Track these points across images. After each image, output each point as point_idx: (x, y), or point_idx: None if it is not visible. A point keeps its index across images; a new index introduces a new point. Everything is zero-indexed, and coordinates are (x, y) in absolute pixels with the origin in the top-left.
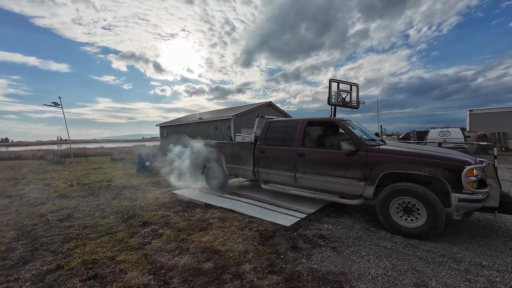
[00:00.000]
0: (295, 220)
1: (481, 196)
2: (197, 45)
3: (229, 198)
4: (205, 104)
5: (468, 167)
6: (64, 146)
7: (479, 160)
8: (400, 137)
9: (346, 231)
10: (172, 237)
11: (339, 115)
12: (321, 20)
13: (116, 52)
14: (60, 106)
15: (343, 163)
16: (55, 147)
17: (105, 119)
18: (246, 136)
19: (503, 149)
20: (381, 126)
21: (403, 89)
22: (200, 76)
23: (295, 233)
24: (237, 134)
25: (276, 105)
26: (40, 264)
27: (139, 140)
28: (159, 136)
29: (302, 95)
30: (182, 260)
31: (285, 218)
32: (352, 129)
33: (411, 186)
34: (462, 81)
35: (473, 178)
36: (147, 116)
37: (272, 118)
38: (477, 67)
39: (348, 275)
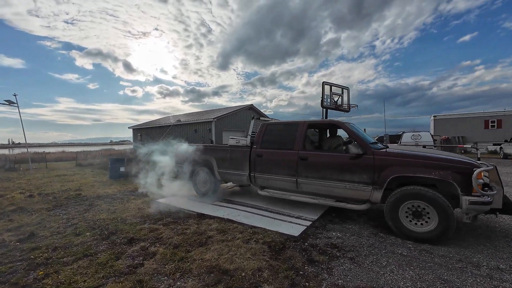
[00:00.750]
0: (302, 228)
1: (490, 198)
2: (171, 45)
3: (223, 206)
4: (180, 107)
5: (478, 170)
6: (17, 151)
7: (485, 164)
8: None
9: (357, 238)
10: (169, 256)
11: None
12: (296, 28)
13: (80, 48)
14: (16, 105)
15: (349, 166)
16: (5, 151)
17: (66, 120)
18: (241, 139)
19: (462, 152)
20: (364, 129)
21: (370, 95)
22: (174, 77)
23: (306, 244)
24: (230, 137)
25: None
26: None
27: (106, 144)
28: (130, 139)
29: (278, 99)
30: (186, 285)
31: (290, 226)
32: (356, 132)
33: (422, 190)
34: (420, 90)
35: (481, 181)
36: (116, 118)
37: (268, 120)
38: (432, 78)
39: None
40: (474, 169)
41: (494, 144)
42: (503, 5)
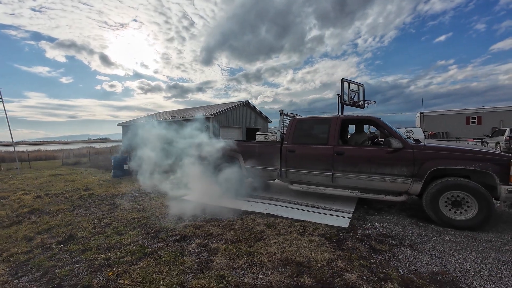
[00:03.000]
0: (347, 220)
1: None
2: (151, 38)
3: (255, 202)
4: (162, 103)
5: None
6: None
7: None
8: None
9: (401, 228)
10: (234, 251)
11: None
12: (280, 24)
13: (50, 39)
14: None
15: (389, 160)
16: None
17: (38, 117)
18: (270, 134)
19: None
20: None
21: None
22: (156, 72)
23: (359, 234)
24: (257, 132)
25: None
26: None
27: (84, 142)
28: (111, 136)
29: (263, 96)
30: (271, 278)
31: (335, 219)
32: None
33: (463, 181)
34: (399, 88)
35: None
36: (93, 115)
37: (295, 116)
38: (410, 76)
39: (452, 273)
40: (511, 161)
41: (474, 139)
42: (475, 7)
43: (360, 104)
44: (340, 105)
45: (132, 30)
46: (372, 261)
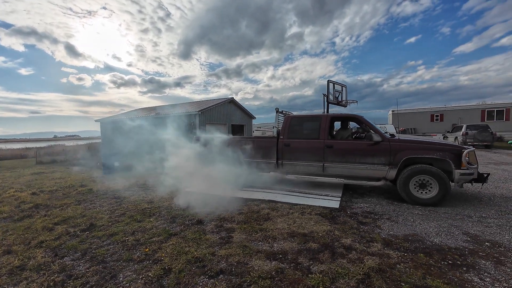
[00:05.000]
0: (337, 203)
1: (472, 171)
2: (124, 28)
3: (254, 191)
4: (138, 98)
5: (465, 151)
6: None
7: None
8: None
9: (381, 206)
10: (248, 229)
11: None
12: (261, 19)
13: (6, 25)
14: None
15: (370, 152)
16: None
17: None
18: (266, 130)
19: None
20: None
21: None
22: (129, 65)
23: (348, 212)
24: (255, 129)
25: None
26: (138, 271)
27: (50, 139)
28: (80, 133)
29: (243, 92)
30: (284, 245)
31: (327, 202)
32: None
33: (428, 167)
34: (373, 86)
35: (467, 159)
36: (59, 110)
37: (288, 114)
38: (383, 75)
39: (419, 235)
40: (463, 150)
41: (437, 134)
42: (442, 12)
43: (343, 103)
44: (326, 104)
45: (101, 18)
46: (361, 230)
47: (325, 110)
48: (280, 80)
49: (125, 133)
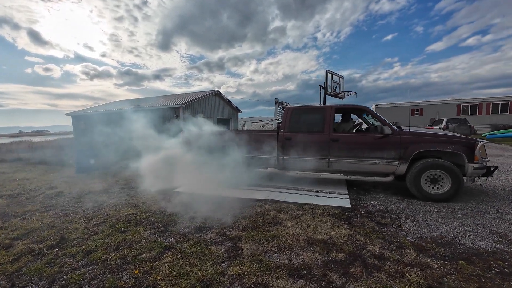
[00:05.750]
0: (347, 201)
1: (486, 164)
2: (95, 15)
3: (252, 190)
4: (114, 91)
5: (479, 144)
6: None
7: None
8: None
9: (393, 204)
10: (257, 237)
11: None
12: (243, 11)
13: None
14: None
15: (379, 145)
16: None
17: None
18: (266, 123)
19: None
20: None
21: (312, 85)
22: (103, 55)
23: (362, 212)
24: (253, 121)
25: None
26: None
27: (15, 135)
28: (50, 128)
29: (226, 86)
30: (305, 257)
31: (336, 200)
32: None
33: (440, 161)
34: (352, 82)
35: (480, 152)
36: (24, 103)
37: (287, 105)
38: (362, 71)
39: (448, 237)
40: (476, 143)
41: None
42: (416, 11)
43: (340, 95)
44: (323, 95)
45: (69, 3)
46: (384, 233)
47: (322, 102)
48: (263, 74)
49: (102, 128)
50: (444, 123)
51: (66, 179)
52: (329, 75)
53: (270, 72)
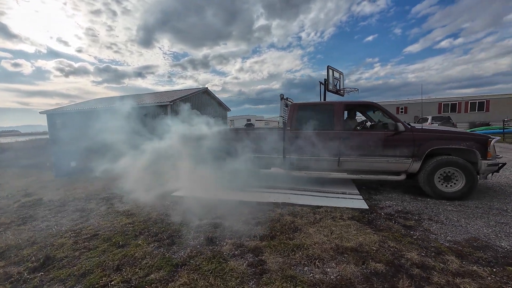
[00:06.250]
0: (363, 202)
1: (498, 161)
2: (70, 8)
3: (258, 192)
4: (91, 89)
5: (492, 140)
6: None
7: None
8: None
9: (408, 203)
10: (280, 247)
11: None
12: (228, 9)
13: None
14: None
15: (392, 143)
16: None
17: None
18: (271, 120)
19: None
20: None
21: (297, 84)
22: (79, 51)
23: (382, 214)
24: (256, 119)
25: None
26: None
27: None
28: (19, 129)
29: (211, 84)
30: (341, 270)
31: (351, 202)
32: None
33: (454, 158)
34: (335, 81)
35: (492, 148)
36: None
37: (291, 101)
38: (345, 71)
39: (480, 239)
40: (489, 139)
41: None
42: (394, 14)
43: (341, 92)
44: (323, 92)
45: None
46: (414, 237)
47: (323, 99)
48: (248, 72)
49: (82, 127)
50: (429, 120)
51: (45, 184)
52: (330, 71)
53: (255, 70)
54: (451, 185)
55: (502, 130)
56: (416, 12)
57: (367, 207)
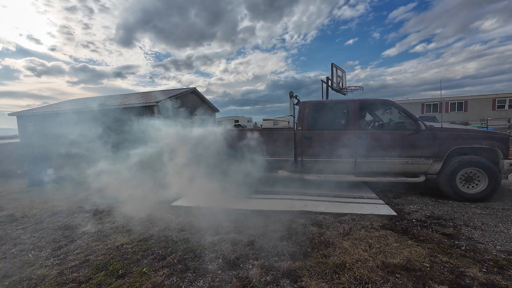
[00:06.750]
0: (388, 208)
1: None
2: (41, 4)
3: (269, 198)
4: (67, 89)
5: None
6: None
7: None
8: None
9: (433, 207)
10: (318, 268)
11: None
12: (211, 9)
13: None
14: None
15: (412, 143)
16: None
17: None
18: (280, 120)
19: None
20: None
21: (282, 86)
22: (53, 49)
23: (413, 220)
24: (263, 119)
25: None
26: None
27: None
28: None
29: (195, 85)
30: None
31: (374, 207)
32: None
33: (477, 158)
34: (318, 83)
35: None
36: None
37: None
38: (327, 73)
39: None
40: (511, 138)
41: None
42: (373, 18)
43: (343, 91)
44: (325, 90)
45: None
46: (462, 248)
47: (325, 97)
48: (233, 74)
49: (59, 130)
50: None
51: (16, 196)
52: (334, 69)
53: (240, 72)
54: (472, 186)
55: (486, 128)
56: (393, 18)
57: (395, 214)
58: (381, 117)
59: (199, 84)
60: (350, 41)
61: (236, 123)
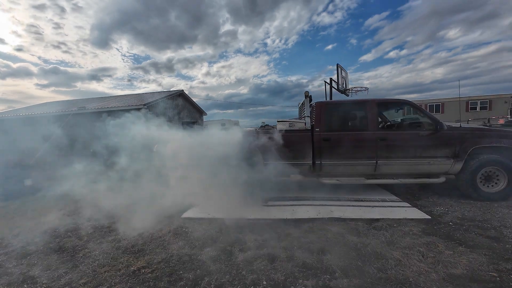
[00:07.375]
0: (418, 210)
1: None
2: (5, 1)
3: (288, 205)
4: (35, 92)
5: None
6: None
7: None
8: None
9: (460, 208)
10: (381, 286)
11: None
12: (192, 12)
13: None
14: None
15: (432, 143)
16: None
17: None
18: (296, 121)
19: None
20: (263, 122)
21: (264, 89)
22: (19, 49)
23: (450, 223)
24: (278, 120)
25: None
26: None
27: None
28: None
29: (177, 89)
30: None
31: (404, 210)
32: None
33: (497, 157)
34: (300, 87)
35: None
36: None
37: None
38: (308, 77)
39: None
40: None
41: None
42: (350, 26)
43: (347, 92)
44: (329, 91)
45: None
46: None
47: (329, 97)
48: (215, 77)
49: (33, 136)
50: None
51: None
52: (339, 69)
53: (222, 75)
54: (492, 185)
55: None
56: (369, 25)
57: (429, 217)
58: (394, 117)
59: (181, 87)
60: (330, 47)
61: (223, 126)
